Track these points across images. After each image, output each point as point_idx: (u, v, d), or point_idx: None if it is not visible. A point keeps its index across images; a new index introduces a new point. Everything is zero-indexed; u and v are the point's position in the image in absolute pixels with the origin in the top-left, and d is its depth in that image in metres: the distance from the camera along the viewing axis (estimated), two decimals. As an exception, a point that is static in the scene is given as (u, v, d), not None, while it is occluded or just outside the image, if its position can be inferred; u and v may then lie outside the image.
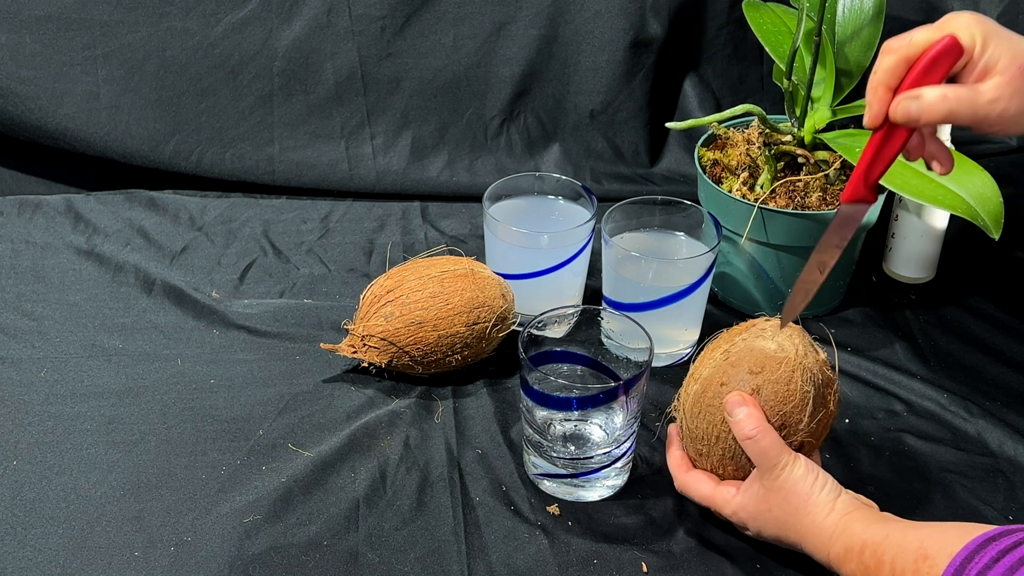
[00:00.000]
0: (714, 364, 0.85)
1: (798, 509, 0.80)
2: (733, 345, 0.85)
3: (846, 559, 0.76)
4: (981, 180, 0.98)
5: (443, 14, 1.32)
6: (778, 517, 0.81)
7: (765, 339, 0.84)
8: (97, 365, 1.04)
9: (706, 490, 0.85)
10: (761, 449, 0.80)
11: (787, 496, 0.80)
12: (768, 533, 0.82)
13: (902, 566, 0.71)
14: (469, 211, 1.30)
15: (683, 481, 0.87)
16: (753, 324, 0.86)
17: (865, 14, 1.08)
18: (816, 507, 0.79)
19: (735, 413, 0.82)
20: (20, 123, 1.28)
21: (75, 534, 0.87)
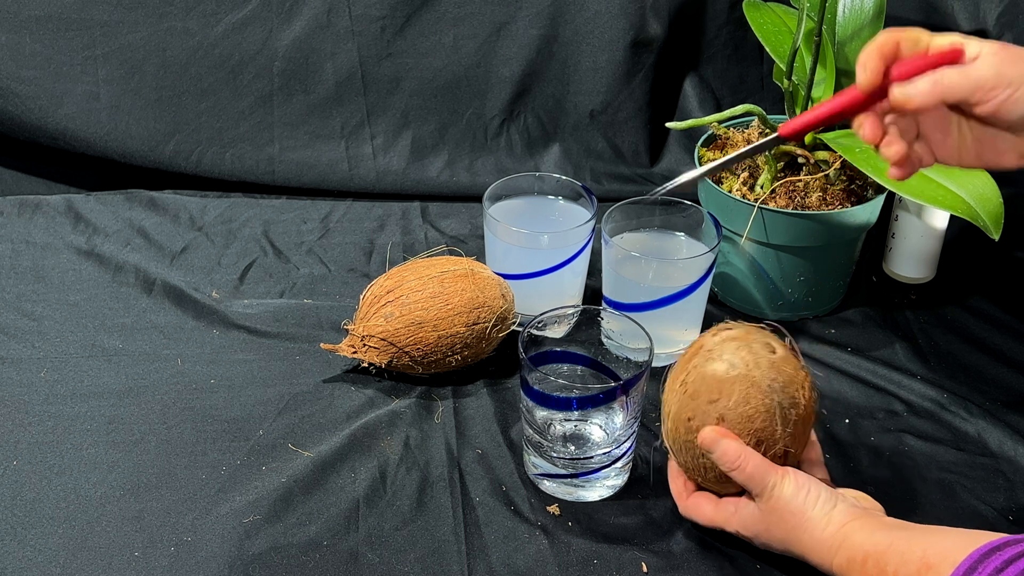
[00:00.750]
0: (677, 398, 0.84)
1: (795, 527, 0.79)
2: (688, 374, 0.84)
3: (849, 570, 0.75)
4: (981, 180, 0.98)
5: (443, 14, 1.32)
6: (777, 536, 0.81)
7: (714, 360, 0.82)
8: (97, 365, 1.04)
9: (708, 512, 0.85)
10: (747, 476, 0.80)
11: (782, 515, 0.80)
12: (775, 547, 0.82)
13: (905, 574, 0.70)
14: (469, 211, 1.30)
15: (685, 508, 0.87)
16: (701, 345, 0.84)
17: (865, 14, 1.08)
18: (812, 523, 0.79)
19: (713, 450, 0.81)
20: (20, 123, 1.28)
21: (75, 534, 0.87)
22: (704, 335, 0.85)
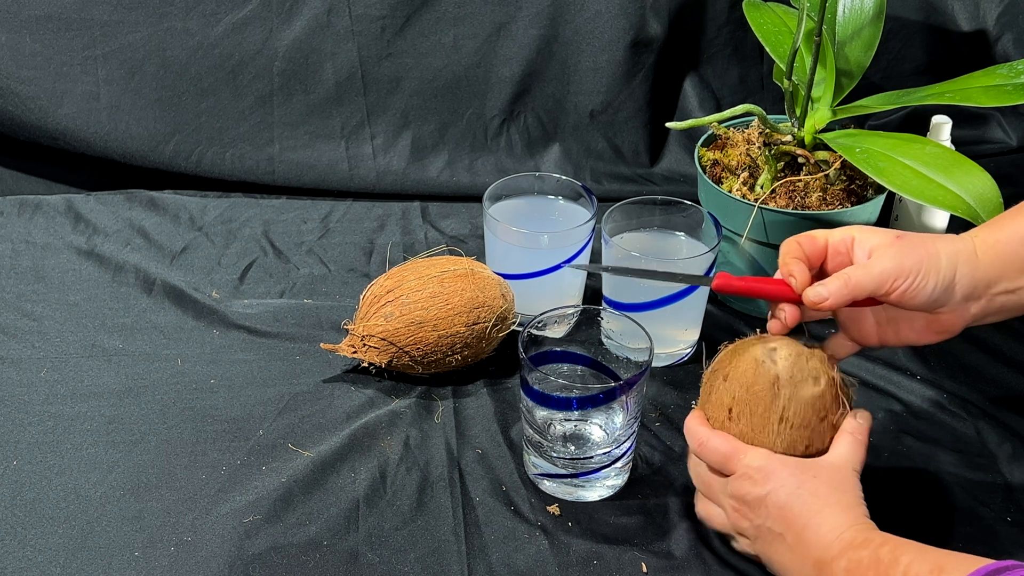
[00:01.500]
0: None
1: (840, 486, 0.78)
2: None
3: (860, 544, 0.73)
4: (981, 180, 0.98)
5: (443, 14, 1.32)
6: (792, 493, 0.78)
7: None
8: (97, 365, 1.04)
9: (722, 449, 0.82)
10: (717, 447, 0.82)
11: (828, 472, 0.79)
12: (772, 514, 0.78)
13: (916, 570, 0.69)
14: (469, 211, 1.30)
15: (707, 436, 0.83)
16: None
17: (865, 14, 1.08)
18: (851, 486, 0.78)
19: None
20: (20, 123, 1.28)
21: (75, 534, 0.87)
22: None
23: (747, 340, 0.86)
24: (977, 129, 1.41)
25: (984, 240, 0.82)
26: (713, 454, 0.82)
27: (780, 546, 0.78)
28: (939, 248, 0.81)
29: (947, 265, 0.80)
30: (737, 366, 0.83)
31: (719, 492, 0.82)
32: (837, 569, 0.73)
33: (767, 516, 0.78)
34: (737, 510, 0.81)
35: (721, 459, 0.81)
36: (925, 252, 0.80)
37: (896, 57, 1.38)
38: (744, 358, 0.83)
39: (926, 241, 0.81)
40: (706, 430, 0.83)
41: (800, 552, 0.76)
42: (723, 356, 0.86)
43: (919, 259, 0.79)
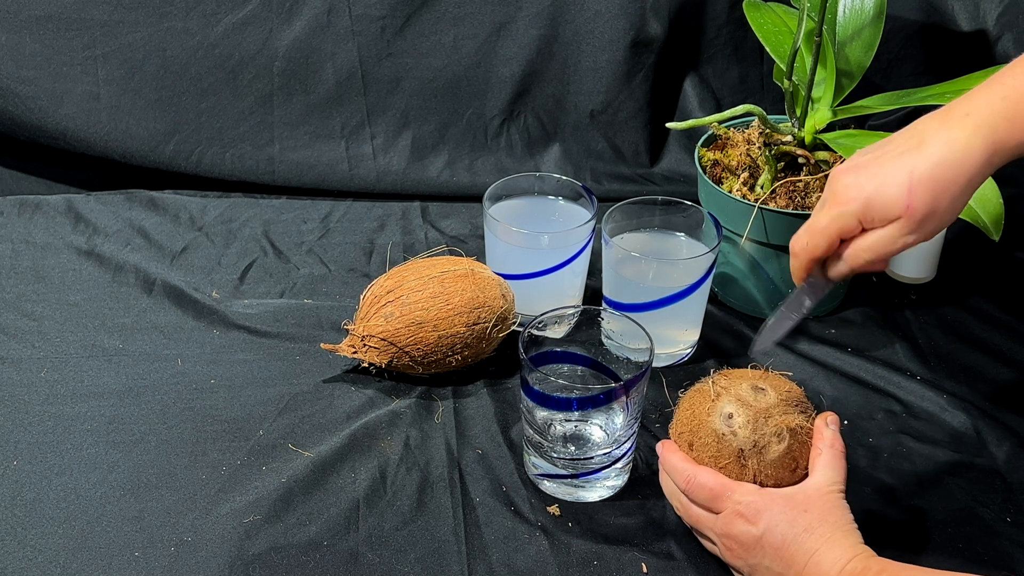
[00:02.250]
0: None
1: (824, 515, 0.78)
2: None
3: (859, 574, 0.73)
4: (981, 181, 0.98)
5: (443, 14, 1.32)
6: (784, 525, 0.78)
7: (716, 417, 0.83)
8: (97, 365, 1.04)
9: (710, 483, 0.82)
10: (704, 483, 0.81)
11: (814, 502, 0.79)
12: (768, 543, 0.78)
13: None
14: (469, 211, 1.30)
15: (693, 473, 0.83)
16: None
17: (866, 14, 1.08)
18: (842, 515, 0.78)
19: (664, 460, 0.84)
20: (20, 123, 1.28)
21: (75, 534, 0.87)
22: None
23: (699, 398, 0.85)
24: (977, 129, 1.41)
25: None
26: (701, 490, 0.82)
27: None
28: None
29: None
30: (699, 435, 0.83)
31: (708, 528, 0.83)
32: None
33: (763, 556, 0.78)
34: (730, 549, 0.81)
35: (710, 496, 0.82)
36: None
37: (896, 57, 1.38)
38: (704, 430, 0.83)
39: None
40: (691, 466, 0.83)
41: None
42: (682, 414, 0.85)
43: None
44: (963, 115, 0.75)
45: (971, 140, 0.75)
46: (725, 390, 0.84)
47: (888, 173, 0.77)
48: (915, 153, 0.76)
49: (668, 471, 0.85)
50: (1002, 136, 0.74)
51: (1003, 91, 0.75)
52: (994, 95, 0.75)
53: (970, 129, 0.75)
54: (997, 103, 0.74)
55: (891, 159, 0.77)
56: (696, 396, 0.85)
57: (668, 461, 0.85)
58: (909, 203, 0.76)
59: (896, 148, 0.78)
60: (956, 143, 0.75)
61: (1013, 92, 0.74)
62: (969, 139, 0.75)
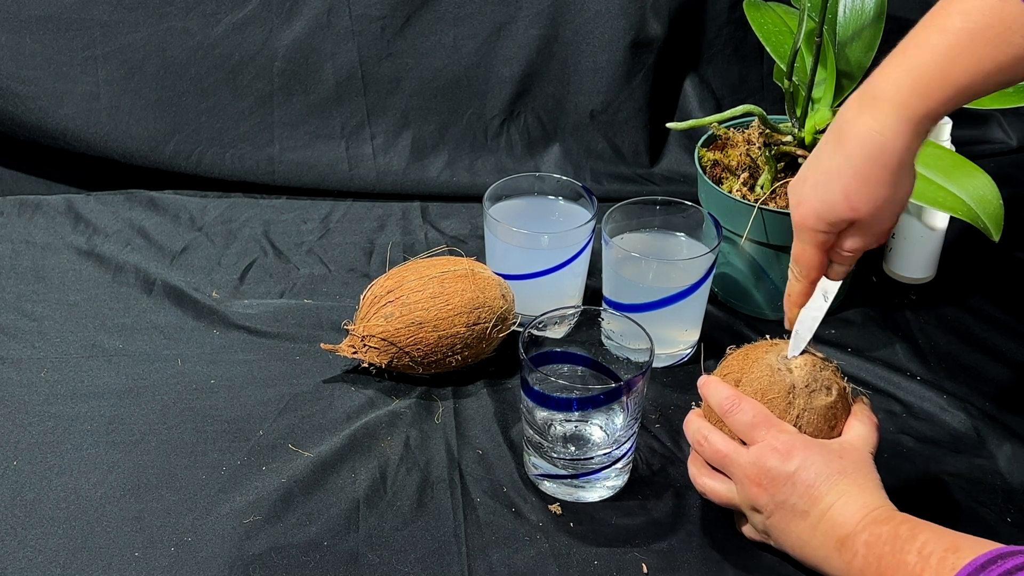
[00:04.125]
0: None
1: (858, 462, 0.79)
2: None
3: (883, 520, 0.74)
4: (981, 182, 0.98)
5: (443, 14, 1.32)
6: (814, 471, 0.78)
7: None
8: (97, 365, 1.04)
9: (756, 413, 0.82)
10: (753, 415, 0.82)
11: (847, 450, 0.80)
12: (789, 493, 0.78)
13: (931, 549, 0.70)
14: (469, 211, 1.30)
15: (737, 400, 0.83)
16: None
17: (866, 15, 1.08)
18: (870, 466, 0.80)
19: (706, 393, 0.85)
20: (20, 123, 1.28)
21: (75, 534, 0.87)
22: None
23: (758, 345, 0.87)
24: (977, 129, 1.41)
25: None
26: (744, 415, 0.81)
27: (801, 523, 0.78)
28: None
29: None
30: (751, 371, 0.84)
31: (735, 463, 0.82)
32: (859, 543, 0.75)
33: (792, 492, 0.78)
34: (758, 484, 0.80)
35: (750, 423, 0.81)
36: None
37: (896, 57, 1.38)
38: (759, 364, 0.84)
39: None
40: (735, 392, 0.83)
41: (824, 530, 0.77)
42: (732, 360, 0.87)
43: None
44: (871, 99, 0.75)
45: (884, 123, 0.75)
46: (782, 343, 0.86)
47: (824, 181, 0.78)
48: (839, 151, 0.77)
49: (709, 395, 0.84)
50: (914, 111, 0.74)
51: (905, 62, 0.74)
52: (898, 69, 0.74)
53: (882, 113, 0.75)
54: (902, 78, 0.74)
55: (824, 163, 0.78)
56: (748, 347, 0.87)
57: (711, 386, 0.84)
58: (852, 206, 0.77)
59: (825, 146, 0.79)
60: (870, 132, 0.75)
61: (916, 64, 0.74)
62: (882, 123, 0.75)
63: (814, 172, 0.79)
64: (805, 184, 0.80)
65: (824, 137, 0.80)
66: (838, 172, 0.77)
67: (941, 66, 0.72)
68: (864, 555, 0.74)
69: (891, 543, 0.73)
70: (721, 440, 0.83)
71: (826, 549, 0.77)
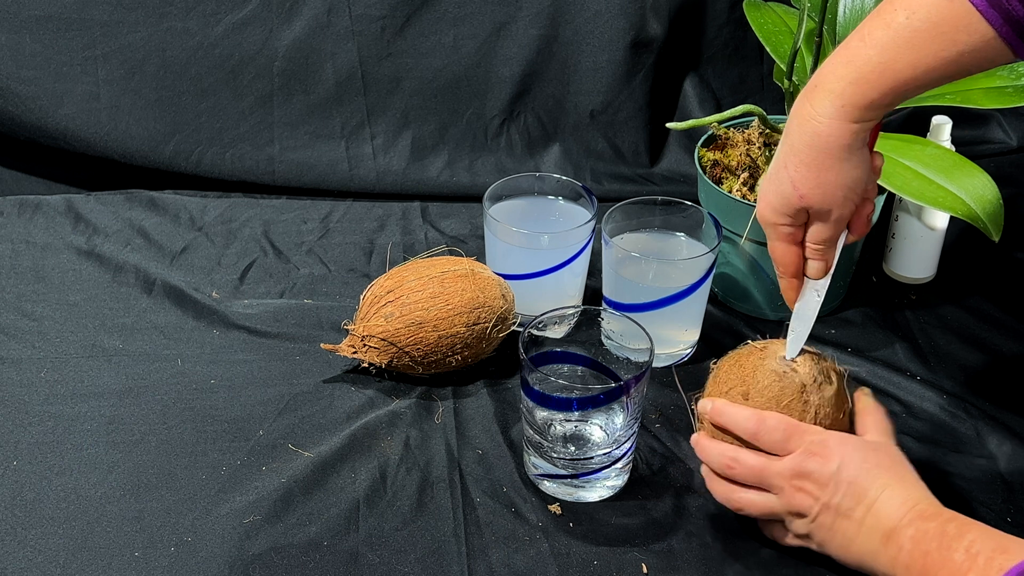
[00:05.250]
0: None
1: (896, 463, 0.80)
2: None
3: (930, 516, 0.75)
4: (980, 182, 0.98)
5: (443, 14, 1.32)
6: (863, 467, 0.78)
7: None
8: (97, 365, 1.04)
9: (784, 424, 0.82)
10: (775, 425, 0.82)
11: (887, 452, 0.81)
12: (838, 491, 0.78)
13: (979, 548, 0.70)
14: (469, 211, 1.30)
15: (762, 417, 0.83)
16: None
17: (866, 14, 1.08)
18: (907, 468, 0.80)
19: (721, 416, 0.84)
20: (20, 123, 1.28)
21: (75, 534, 0.87)
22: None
23: (746, 353, 0.87)
24: (977, 129, 1.41)
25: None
26: (774, 431, 0.81)
27: (847, 522, 0.78)
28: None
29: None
30: (756, 381, 0.84)
31: (773, 475, 0.81)
32: (904, 538, 0.75)
33: (836, 491, 0.78)
34: (801, 489, 0.80)
35: (783, 436, 0.81)
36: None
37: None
38: (761, 372, 0.84)
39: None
40: (756, 411, 0.83)
41: (870, 524, 0.77)
42: (726, 373, 0.86)
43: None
44: (812, 87, 0.77)
45: (821, 110, 0.77)
46: (769, 345, 0.86)
47: (774, 174, 0.80)
48: (785, 141, 0.79)
49: (729, 423, 0.83)
50: (851, 99, 0.76)
51: (846, 54, 0.76)
52: (839, 61, 0.76)
53: (819, 100, 0.77)
54: (841, 68, 0.76)
55: (777, 155, 0.81)
56: (738, 356, 0.87)
57: (728, 413, 0.84)
58: (799, 193, 0.79)
59: (782, 137, 0.81)
60: (809, 120, 0.77)
61: (856, 55, 0.75)
62: (820, 111, 0.77)
63: (773, 163, 0.81)
64: (764, 181, 0.83)
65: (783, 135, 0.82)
66: (784, 162, 0.80)
67: (881, 59, 0.74)
68: (910, 550, 0.74)
69: (938, 539, 0.73)
70: (751, 457, 0.82)
71: (873, 543, 0.77)
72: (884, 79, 0.74)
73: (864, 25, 0.76)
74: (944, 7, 0.71)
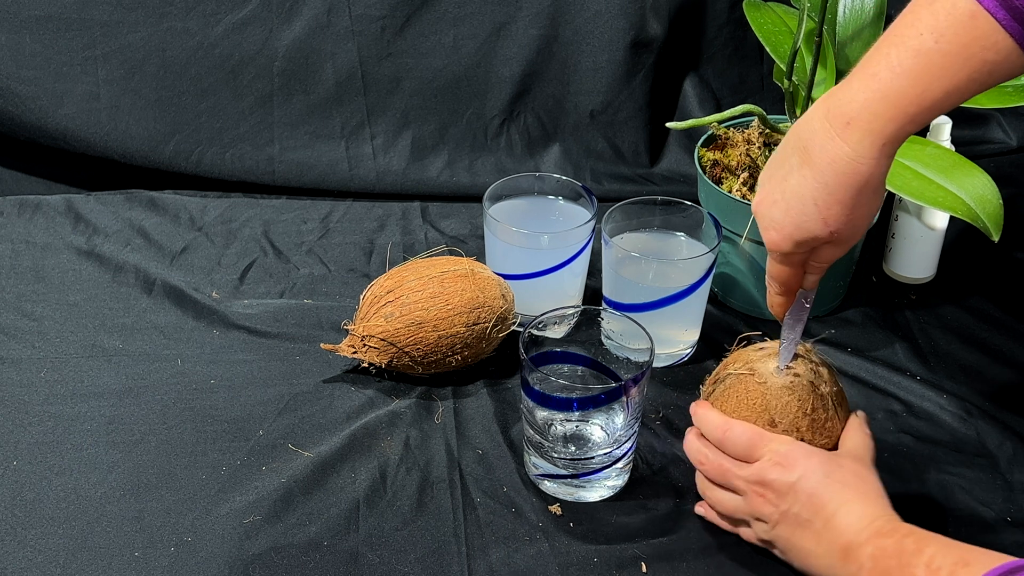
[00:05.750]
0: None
1: (859, 475, 0.80)
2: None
3: (888, 532, 0.75)
4: (981, 182, 0.98)
5: (443, 14, 1.32)
6: (819, 476, 0.79)
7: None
8: (97, 365, 1.04)
9: (744, 437, 0.83)
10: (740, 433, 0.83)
11: (848, 461, 0.81)
12: (798, 499, 0.79)
13: (940, 563, 0.70)
14: (469, 211, 1.30)
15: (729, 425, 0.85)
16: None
17: (866, 15, 1.08)
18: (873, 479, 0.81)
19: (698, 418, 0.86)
20: (20, 123, 1.28)
21: (75, 534, 0.87)
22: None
23: (739, 383, 0.86)
24: (977, 129, 1.41)
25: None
26: (739, 440, 0.83)
27: (806, 532, 0.79)
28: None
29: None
30: (773, 401, 0.84)
31: (736, 478, 0.83)
32: (863, 555, 0.75)
33: (795, 502, 0.79)
34: (761, 495, 0.81)
35: (747, 446, 0.82)
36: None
37: (896, 57, 1.38)
38: (773, 392, 0.84)
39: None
40: (723, 418, 0.84)
41: (828, 538, 0.77)
42: (738, 406, 0.86)
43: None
44: (844, 124, 0.73)
45: (860, 151, 0.73)
46: (751, 363, 0.87)
47: (797, 205, 0.77)
48: (809, 173, 0.76)
49: (701, 426, 0.86)
50: (889, 136, 0.73)
51: (879, 86, 0.72)
52: (872, 94, 0.72)
53: (856, 139, 0.73)
54: (877, 104, 0.72)
55: (793, 185, 0.77)
56: (733, 390, 0.86)
57: (699, 415, 0.87)
58: (830, 229, 0.77)
59: (791, 165, 0.77)
60: (846, 159, 0.74)
61: (891, 89, 0.72)
62: (857, 151, 0.73)
63: (783, 195, 0.78)
64: (774, 207, 0.79)
65: (783, 153, 0.78)
66: (813, 198, 0.76)
67: (918, 89, 0.71)
68: (870, 568, 0.74)
69: (897, 557, 0.72)
70: (718, 457, 0.84)
71: (830, 558, 0.77)
72: (921, 108, 0.71)
73: (887, 51, 0.72)
74: (968, 26, 0.69)
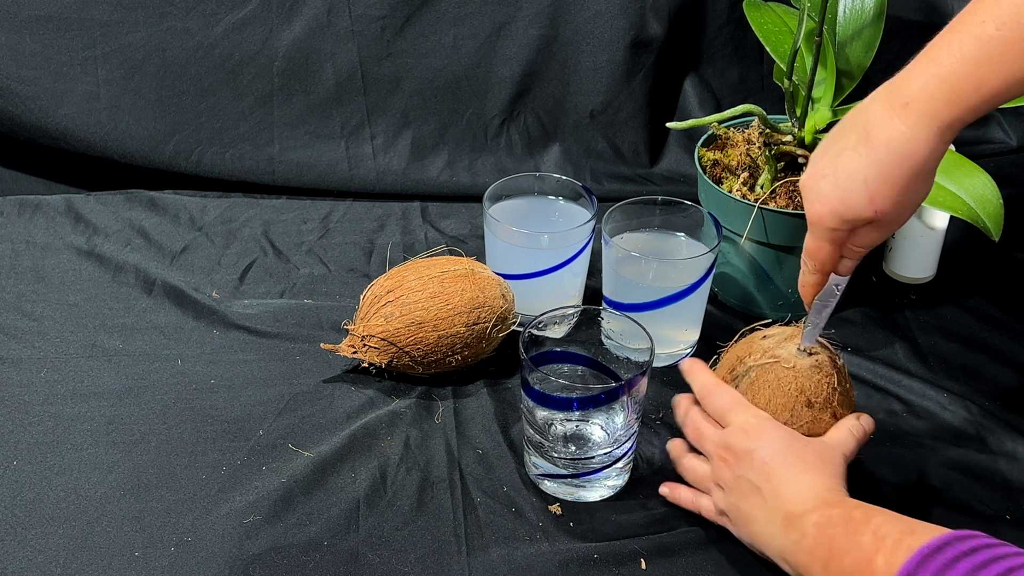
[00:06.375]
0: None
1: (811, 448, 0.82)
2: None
3: (835, 503, 0.76)
4: (981, 181, 0.98)
5: (443, 14, 1.32)
6: (770, 452, 0.81)
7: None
8: (97, 365, 1.04)
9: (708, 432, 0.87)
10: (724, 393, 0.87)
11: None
12: (751, 473, 0.81)
13: (887, 531, 0.71)
14: (469, 211, 1.30)
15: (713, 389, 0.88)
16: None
17: (866, 14, 1.08)
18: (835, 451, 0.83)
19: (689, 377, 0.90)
20: (20, 123, 1.28)
21: (75, 534, 0.87)
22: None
23: (768, 370, 0.88)
24: (977, 129, 1.41)
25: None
26: (719, 401, 0.86)
27: (754, 498, 0.81)
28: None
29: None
30: (804, 382, 0.86)
31: (707, 440, 0.86)
32: (807, 523, 0.76)
33: (749, 468, 0.81)
34: (723, 459, 0.84)
35: (723, 409, 0.86)
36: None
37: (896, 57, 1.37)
38: (802, 374, 0.86)
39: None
40: (714, 379, 0.88)
41: (773, 504, 0.79)
42: (774, 396, 0.87)
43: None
44: (903, 105, 0.74)
45: (915, 132, 0.74)
46: (774, 350, 0.89)
47: (846, 181, 0.77)
48: (864, 150, 0.76)
49: (691, 377, 0.90)
50: (945, 119, 0.73)
51: (939, 71, 0.73)
52: (931, 78, 0.73)
53: (912, 120, 0.74)
54: (935, 88, 0.73)
55: (845, 161, 0.78)
56: (764, 379, 0.88)
57: (693, 370, 0.90)
58: (875, 208, 0.77)
59: (846, 143, 0.78)
60: (901, 138, 0.74)
61: (950, 73, 0.72)
62: (913, 132, 0.74)
63: (834, 170, 0.78)
64: (823, 181, 0.79)
65: (840, 131, 0.79)
66: (863, 174, 0.76)
67: (977, 75, 0.71)
68: (814, 535, 0.75)
69: (844, 525, 0.74)
70: (699, 416, 0.88)
71: (772, 525, 0.79)
72: (980, 95, 0.72)
73: (950, 38, 0.73)
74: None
